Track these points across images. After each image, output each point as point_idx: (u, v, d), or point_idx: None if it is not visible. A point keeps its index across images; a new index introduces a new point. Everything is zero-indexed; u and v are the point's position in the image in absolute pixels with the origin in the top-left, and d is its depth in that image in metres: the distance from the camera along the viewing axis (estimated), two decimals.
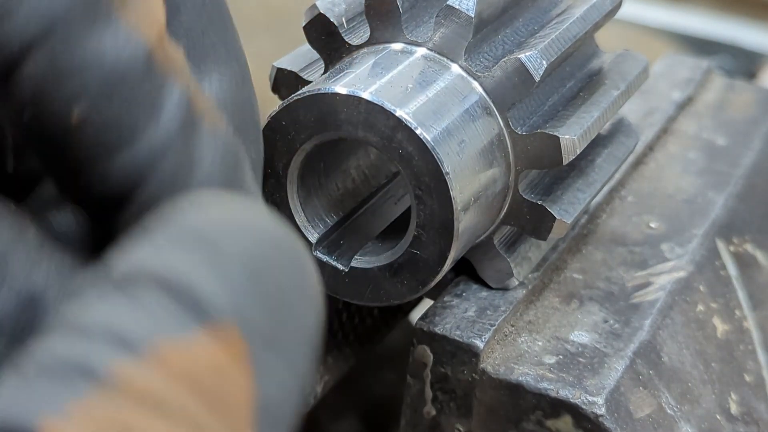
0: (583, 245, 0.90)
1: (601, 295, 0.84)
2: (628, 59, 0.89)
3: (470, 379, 0.77)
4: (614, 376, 0.76)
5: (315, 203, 0.79)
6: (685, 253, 0.89)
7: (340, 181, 0.82)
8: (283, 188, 0.77)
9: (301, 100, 0.74)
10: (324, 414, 1.17)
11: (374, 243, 0.79)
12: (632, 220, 0.93)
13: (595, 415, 0.73)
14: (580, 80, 0.85)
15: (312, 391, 0.87)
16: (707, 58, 1.32)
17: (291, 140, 0.75)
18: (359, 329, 0.91)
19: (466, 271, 0.83)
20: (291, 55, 0.83)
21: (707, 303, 0.88)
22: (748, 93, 1.15)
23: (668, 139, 1.06)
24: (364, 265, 0.77)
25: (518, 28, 0.82)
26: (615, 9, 0.88)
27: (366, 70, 0.75)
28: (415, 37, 0.77)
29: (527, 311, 0.82)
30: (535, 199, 0.79)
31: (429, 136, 0.72)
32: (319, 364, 0.87)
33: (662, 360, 0.80)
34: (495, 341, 0.78)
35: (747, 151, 1.05)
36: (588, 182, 0.83)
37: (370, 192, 0.84)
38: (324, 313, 0.55)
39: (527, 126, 0.78)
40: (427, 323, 0.79)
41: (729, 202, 0.97)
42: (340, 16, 0.78)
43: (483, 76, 0.76)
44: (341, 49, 0.79)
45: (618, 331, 0.80)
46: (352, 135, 0.73)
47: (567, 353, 0.78)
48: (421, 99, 0.74)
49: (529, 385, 0.75)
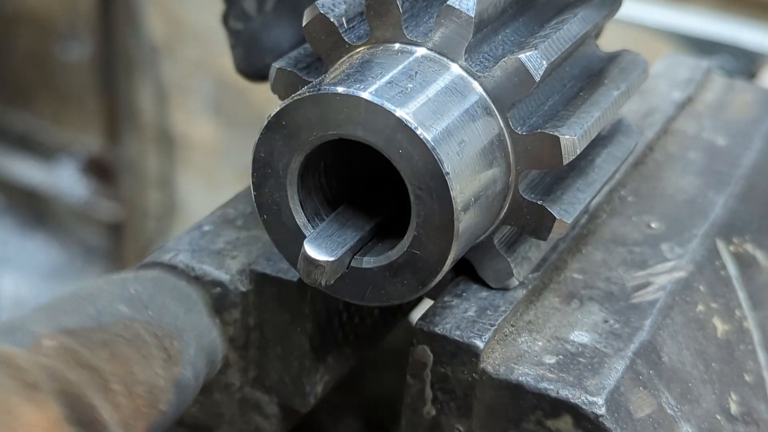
0: (583, 245, 0.90)
1: (601, 295, 0.84)
2: (627, 59, 0.89)
3: (470, 379, 0.77)
4: (614, 376, 0.76)
5: (315, 203, 0.79)
6: (685, 253, 0.89)
7: (340, 180, 0.82)
8: (283, 188, 0.77)
9: (301, 100, 0.74)
10: (324, 414, 1.17)
11: (374, 243, 0.79)
12: (632, 220, 0.93)
13: (595, 415, 0.73)
14: (580, 80, 0.85)
15: (312, 391, 0.87)
16: (707, 58, 1.32)
17: (291, 140, 0.75)
18: (359, 329, 0.91)
19: (466, 271, 0.83)
20: (291, 55, 0.83)
21: (707, 303, 0.88)
22: (748, 93, 1.15)
23: (668, 139, 1.06)
24: (364, 265, 0.77)
25: (518, 28, 0.82)
26: (615, 9, 0.88)
27: (366, 70, 0.75)
28: (415, 37, 0.77)
29: (527, 311, 0.82)
30: (535, 199, 0.79)
31: (429, 136, 0.72)
32: (319, 364, 0.87)
33: (662, 360, 0.80)
34: (495, 341, 0.78)
35: (747, 151, 1.05)
36: (588, 182, 0.83)
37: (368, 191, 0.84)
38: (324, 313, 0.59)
39: (527, 126, 0.78)
40: (427, 323, 0.79)
41: (729, 202, 0.97)
42: (340, 16, 0.78)
43: (483, 76, 0.76)
44: (341, 48, 0.79)
45: (618, 331, 0.80)
46: (352, 135, 0.73)
47: (567, 353, 0.78)
48: (421, 99, 0.73)
49: (529, 385, 0.75)
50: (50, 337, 0.57)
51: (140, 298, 0.64)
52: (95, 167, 3.55)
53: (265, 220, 0.79)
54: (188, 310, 0.68)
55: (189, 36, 3.21)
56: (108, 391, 0.57)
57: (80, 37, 3.46)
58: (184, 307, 0.68)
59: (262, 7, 0.95)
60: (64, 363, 0.56)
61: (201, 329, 0.68)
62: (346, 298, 0.79)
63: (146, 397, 0.60)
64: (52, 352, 0.56)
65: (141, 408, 0.60)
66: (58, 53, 3.54)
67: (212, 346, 0.69)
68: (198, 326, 0.68)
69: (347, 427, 1.22)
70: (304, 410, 0.89)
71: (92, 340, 0.59)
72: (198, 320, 0.68)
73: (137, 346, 0.61)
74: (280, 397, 0.88)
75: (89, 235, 3.60)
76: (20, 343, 0.56)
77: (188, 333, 0.66)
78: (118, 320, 0.62)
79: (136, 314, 0.63)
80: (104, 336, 0.59)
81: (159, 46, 3.27)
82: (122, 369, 0.59)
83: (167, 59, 3.27)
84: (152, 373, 0.61)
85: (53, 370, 0.55)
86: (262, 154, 0.77)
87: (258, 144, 0.76)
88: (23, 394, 0.53)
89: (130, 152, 3.41)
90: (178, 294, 0.69)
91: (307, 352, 0.86)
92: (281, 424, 0.91)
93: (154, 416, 0.61)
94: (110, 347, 0.59)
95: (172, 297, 0.68)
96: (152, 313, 0.64)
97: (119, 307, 0.63)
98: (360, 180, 0.83)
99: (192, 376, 0.65)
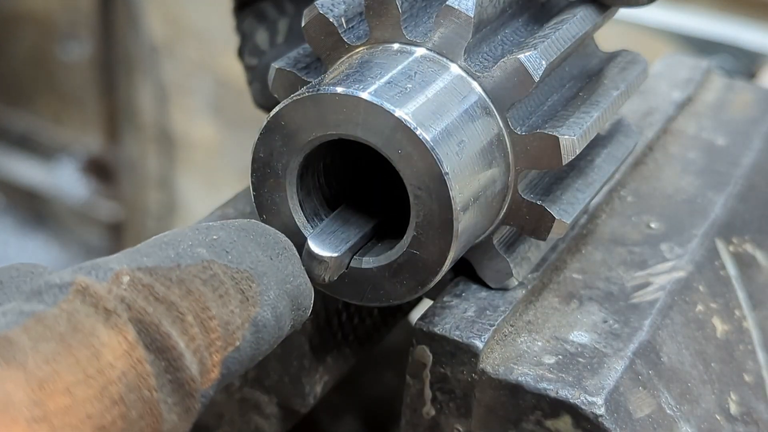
0: (583, 245, 0.90)
1: (600, 295, 0.84)
2: (627, 59, 0.89)
3: (470, 379, 0.77)
4: (614, 376, 0.76)
5: (314, 203, 0.79)
6: (685, 253, 0.89)
7: (339, 180, 0.82)
8: (283, 188, 0.77)
9: (301, 100, 0.74)
10: (324, 414, 1.17)
11: (374, 243, 0.79)
12: (632, 220, 0.93)
13: (594, 415, 0.73)
14: (580, 80, 0.85)
15: (311, 391, 0.87)
16: (707, 58, 1.32)
17: (291, 140, 0.75)
18: (359, 329, 0.91)
19: (466, 271, 0.83)
20: (290, 56, 0.83)
21: (707, 303, 0.88)
22: (748, 93, 1.15)
23: (668, 139, 1.06)
24: (363, 265, 0.77)
25: (518, 28, 0.82)
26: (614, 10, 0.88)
27: (365, 71, 0.75)
28: (414, 37, 0.77)
29: (527, 311, 0.82)
30: (534, 199, 0.79)
31: (428, 136, 0.72)
32: (319, 364, 0.87)
33: (662, 360, 0.80)
34: (494, 341, 0.78)
35: (747, 151, 1.05)
36: (587, 182, 0.83)
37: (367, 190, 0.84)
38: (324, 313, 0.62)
39: (527, 126, 0.78)
40: (426, 323, 0.79)
41: (729, 202, 0.97)
42: (339, 16, 0.78)
43: (482, 76, 0.76)
44: (340, 49, 0.79)
45: (617, 331, 0.80)
46: (351, 135, 0.73)
47: (566, 353, 0.78)
48: (421, 99, 0.73)
49: (528, 385, 0.75)
50: (128, 273, 0.61)
51: (222, 243, 0.67)
52: (95, 167, 3.55)
53: (265, 220, 0.79)
54: (275, 255, 0.70)
55: (189, 36, 3.21)
56: (182, 322, 0.61)
57: (80, 37, 3.46)
58: (269, 252, 0.70)
59: (274, 40, 0.96)
60: (140, 296, 0.60)
61: (286, 274, 0.70)
62: (346, 298, 0.79)
63: (220, 332, 0.63)
64: (128, 286, 0.60)
65: (215, 341, 0.62)
66: (58, 53, 3.54)
67: (297, 291, 0.71)
68: (282, 271, 0.70)
69: (347, 427, 1.22)
70: (303, 410, 0.89)
71: (168, 278, 0.62)
72: (284, 265, 0.70)
73: (213, 286, 0.64)
74: (279, 397, 0.88)
75: (89, 235, 3.60)
76: (99, 277, 0.60)
77: (269, 277, 0.68)
78: (197, 262, 0.64)
79: (215, 257, 0.65)
80: (181, 275, 0.63)
81: (159, 46, 3.27)
82: (197, 305, 0.62)
83: (167, 59, 3.27)
84: (227, 310, 0.64)
85: (129, 301, 0.59)
86: (261, 154, 0.77)
87: (257, 144, 0.76)
88: (102, 319, 0.58)
89: (130, 152, 3.42)
90: (265, 240, 0.70)
91: (307, 352, 0.86)
92: (281, 424, 0.91)
93: (229, 351, 0.63)
94: (186, 284, 0.62)
95: (257, 243, 0.70)
96: (231, 257, 0.66)
97: (199, 250, 0.66)
98: (359, 180, 0.83)
99: (271, 316, 0.67)
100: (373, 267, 0.77)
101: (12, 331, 0.55)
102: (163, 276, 0.62)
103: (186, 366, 0.60)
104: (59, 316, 0.57)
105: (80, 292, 0.58)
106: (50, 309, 0.57)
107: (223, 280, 0.64)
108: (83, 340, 0.56)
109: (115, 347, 0.57)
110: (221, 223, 0.70)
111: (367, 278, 0.77)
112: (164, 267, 0.62)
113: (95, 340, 0.57)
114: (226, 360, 0.63)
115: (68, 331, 0.56)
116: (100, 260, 0.62)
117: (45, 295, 0.58)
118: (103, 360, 0.56)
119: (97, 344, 0.57)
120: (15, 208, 3.72)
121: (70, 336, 0.56)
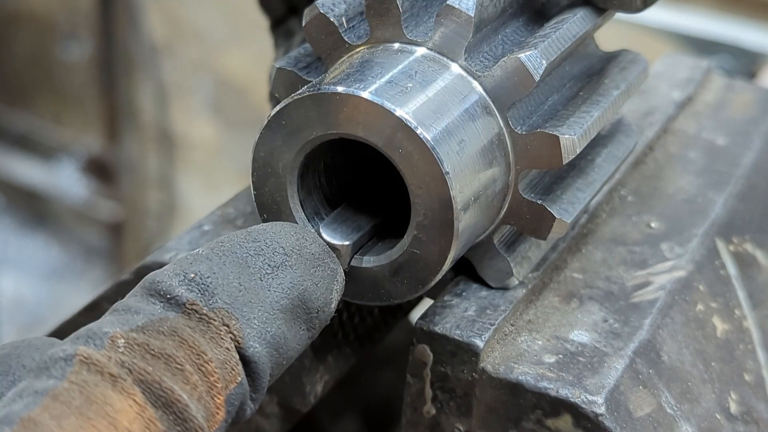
0: (583, 245, 0.90)
1: (600, 294, 0.84)
2: (627, 58, 0.89)
3: (470, 378, 0.77)
4: (614, 376, 0.76)
5: (315, 202, 0.79)
6: (685, 252, 0.89)
7: (340, 180, 0.82)
8: (283, 188, 0.77)
9: (301, 99, 0.74)
10: (324, 414, 1.17)
11: (374, 243, 0.79)
12: (632, 220, 0.93)
13: (594, 414, 0.73)
14: (580, 80, 0.85)
15: (312, 391, 0.87)
16: (707, 58, 1.32)
17: (291, 140, 0.75)
18: (359, 329, 0.91)
19: (466, 270, 0.84)
20: (291, 55, 0.83)
21: (707, 302, 0.88)
22: (748, 93, 1.15)
23: (668, 139, 1.06)
24: (364, 265, 0.77)
25: (518, 28, 0.82)
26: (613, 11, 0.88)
27: (366, 70, 0.75)
28: (414, 36, 0.77)
29: (527, 311, 0.82)
30: (534, 198, 0.79)
31: (429, 135, 0.72)
32: (319, 364, 0.87)
33: (662, 359, 0.80)
34: (495, 340, 0.78)
35: (747, 151, 1.05)
36: (588, 182, 0.83)
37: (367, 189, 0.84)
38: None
39: (527, 125, 0.78)
40: (427, 323, 0.79)
41: (729, 202, 0.97)
42: (339, 16, 0.79)
43: (483, 75, 0.77)
44: (341, 48, 0.79)
45: (618, 330, 0.80)
46: (351, 134, 0.73)
47: (567, 352, 0.78)
48: (421, 99, 0.74)
49: (528, 385, 0.75)
50: (121, 335, 0.63)
51: (201, 279, 0.68)
52: (95, 167, 3.55)
53: (265, 219, 0.79)
54: (268, 273, 0.70)
55: (189, 36, 3.21)
56: (182, 372, 0.63)
57: (80, 37, 3.47)
58: (259, 273, 0.70)
59: None
60: (137, 356, 0.62)
61: (282, 289, 0.70)
62: (346, 297, 0.79)
63: (219, 373, 0.64)
64: (125, 348, 0.62)
65: (215, 384, 0.64)
66: (58, 53, 3.54)
67: (300, 300, 0.71)
68: (275, 289, 0.70)
69: (347, 426, 1.22)
70: (304, 409, 0.89)
71: (161, 332, 0.64)
72: (278, 281, 0.70)
73: (202, 329, 0.65)
74: (279, 396, 0.88)
75: (89, 235, 3.60)
76: (97, 345, 0.62)
77: (252, 305, 0.68)
78: (184, 309, 0.66)
79: (197, 299, 0.67)
80: (172, 325, 0.65)
81: (159, 46, 3.27)
82: (192, 352, 0.64)
83: (167, 59, 3.27)
84: (222, 349, 0.65)
85: (129, 364, 0.61)
86: (262, 154, 0.77)
87: (258, 144, 0.76)
88: (110, 385, 0.60)
89: (130, 152, 3.42)
90: (260, 258, 0.70)
91: (307, 352, 0.86)
92: (281, 423, 0.91)
93: (231, 388, 0.65)
94: (179, 333, 0.64)
95: (245, 266, 0.70)
96: (209, 295, 0.67)
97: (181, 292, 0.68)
98: (360, 179, 0.83)
99: (261, 346, 0.67)
100: (373, 266, 0.77)
101: (33, 412, 0.57)
102: (155, 331, 0.64)
103: (192, 416, 0.62)
104: (71, 390, 0.59)
105: (84, 363, 0.60)
106: (61, 383, 0.59)
107: (211, 319, 0.66)
108: (98, 410, 0.58)
109: (127, 411, 0.59)
110: (209, 249, 0.70)
111: (368, 277, 0.77)
112: (154, 320, 0.64)
113: (109, 409, 0.59)
114: (229, 398, 0.65)
115: (84, 404, 0.58)
116: (93, 326, 0.64)
117: (53, 370, 0.60)
118: (120, 426, 0.59)
119: (112, 412, 0.59)
120: (15, 208, 3.72)
121: (86, 408, 0.58)
